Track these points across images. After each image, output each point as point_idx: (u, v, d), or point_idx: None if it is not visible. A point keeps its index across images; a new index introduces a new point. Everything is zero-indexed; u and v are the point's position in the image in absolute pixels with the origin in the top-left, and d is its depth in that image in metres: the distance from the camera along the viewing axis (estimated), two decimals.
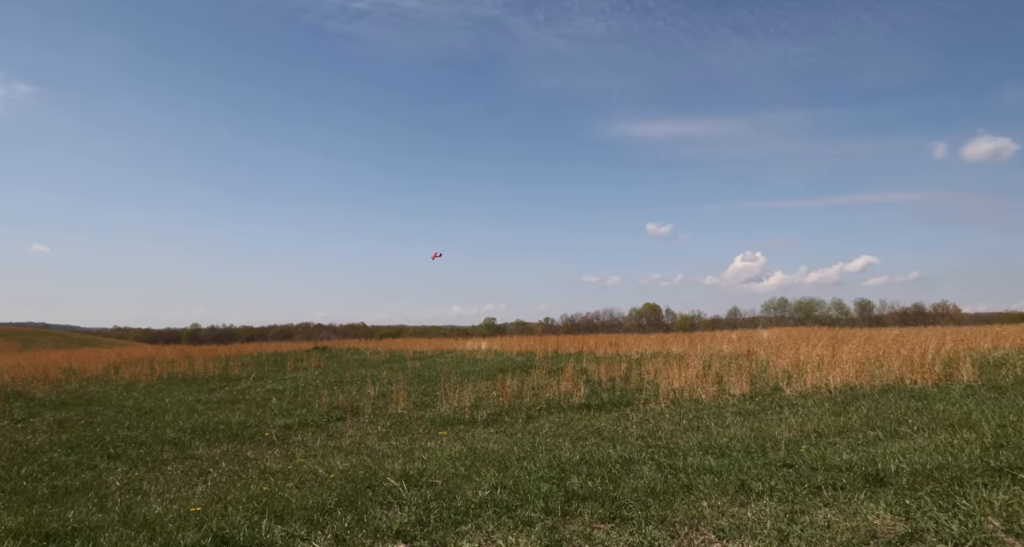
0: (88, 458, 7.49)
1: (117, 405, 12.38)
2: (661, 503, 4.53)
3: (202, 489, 5.88)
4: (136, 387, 15.86)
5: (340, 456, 7.12)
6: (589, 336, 32.69)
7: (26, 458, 7.58)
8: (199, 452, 7.80)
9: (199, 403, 12.45)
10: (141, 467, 7.04)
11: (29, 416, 11.15)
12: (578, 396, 11.14)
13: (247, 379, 17.36)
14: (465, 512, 4.51)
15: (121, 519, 4.71)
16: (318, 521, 4.47)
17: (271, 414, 10.60)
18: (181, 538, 4.07)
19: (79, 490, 6.05)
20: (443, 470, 5.87)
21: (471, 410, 10.19)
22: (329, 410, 10.76)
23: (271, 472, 6.46)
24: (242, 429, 9.20)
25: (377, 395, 12.32)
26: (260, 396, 13.32)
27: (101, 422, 10.25)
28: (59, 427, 9.88)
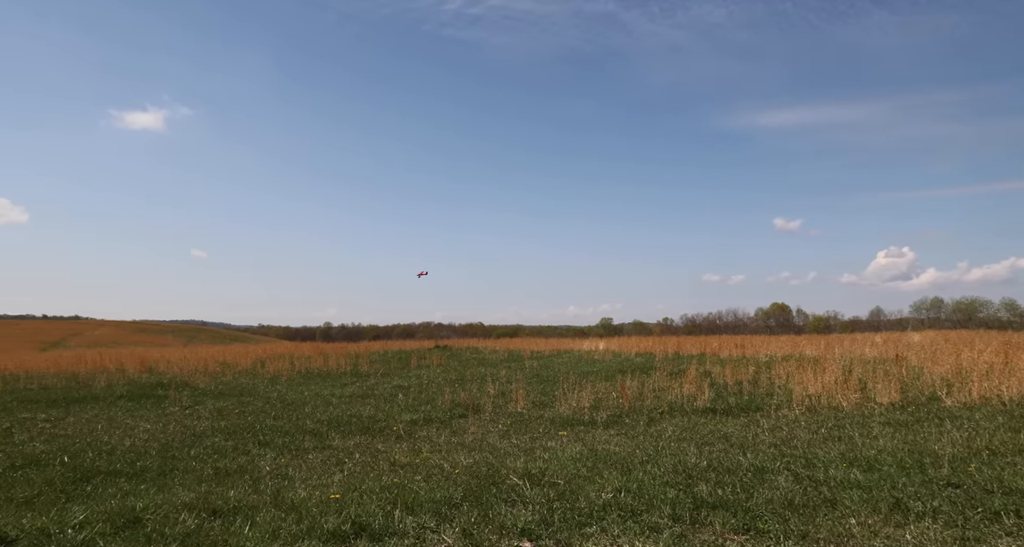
0: (242, 444, 8.24)
1: (264, 397, 13.53)
2: (801, 517, 4.21)
3: (339, 478, 6.26)
4: (279, 381, 17.26)
5: (463, 452, 7.31)
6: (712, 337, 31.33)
7: (193, 441, 8.47)
8: (335, 443, 8.32)
9: (333, 397, 13.31)
10: (286, 454, 7.63)
11: (194, 403, 12.48)
12: (702, 399, 10.68)
13: (375, 375, 18.35)
14: (589, 514, 4.45)
15: (272, 501, 5.12)
16: (446, 514, 4.59)
17: (398, 409, 11.10)
18: (324, 522, 4.34)
19: (236, 472, 6.66)
20: (565, 470, 5.84)
21: (590, 411, 10.09)
22: (451, 407, 11.09)
23: (400, 465, 6.75)
24: (372, 423, 9.71)
25: (497, 393, 12.54)
26: (387, 392, 14.01)
27: (252, 412, 11.24)
28: (218, 415, 10.96)
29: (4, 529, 4.45)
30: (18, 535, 4.38)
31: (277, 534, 4.19)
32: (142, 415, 11.09)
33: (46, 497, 5.86)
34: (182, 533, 4.29)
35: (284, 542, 4.03)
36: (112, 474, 6.73)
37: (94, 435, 9.11)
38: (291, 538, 4.11)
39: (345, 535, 4.16)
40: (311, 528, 4.28)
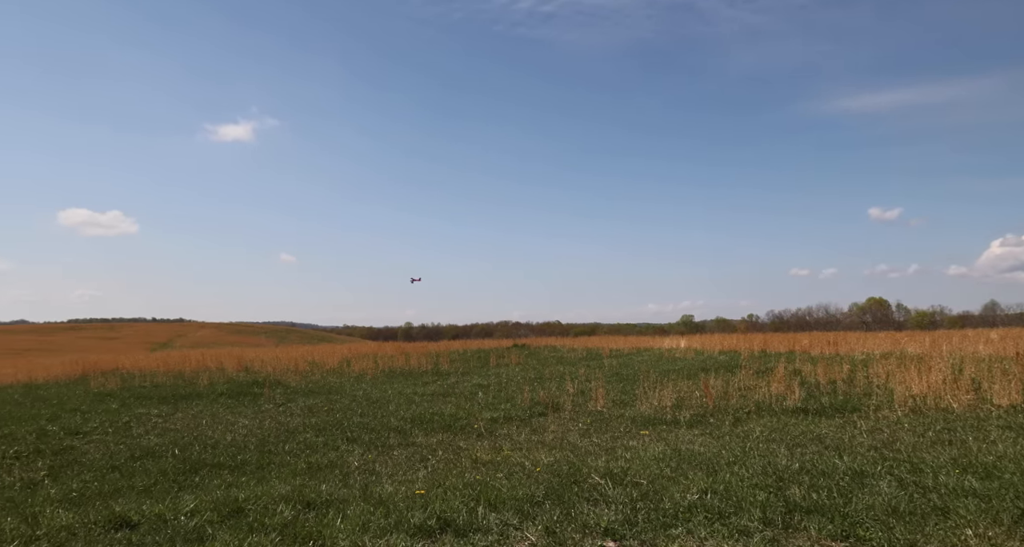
0: (332, 440, 8.61)
1: (350, 395, 14.07)
2: (908, 525, 3.94)
3: (423, 474, 6.42)
4: (364, 379, 17.91)
5: (544, 450, 7.32)
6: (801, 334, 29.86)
7: (287, 437, 8.93)
8: (418, 440, 8.54)
9: (416, 395, 13.66)
10: (373, 450, 7.90)
11: (286, 401, 13.16)
12: (792, 399, 10.20)
13: (455, 374, 18.69)
14: (674, 515, 4.35)
15: (361, 495, 5.32)
16: (528, 512, 4.61)
17: (478, 407, 11.26)
18: (410, 517, 4.47)
19: (327, 467, 6.96)
20: (647, 470, 5.74)
21: (672, 410, 9.86)
22: (531, 405, 11.13)
23: (482, 462, 6.84)
24: (454, 421, 9.89)
25: (576, 392, 12.48)
26: (468, 390, 14.23)
27: (339, 409, 11.72)
28: (309, 412, 11.50)
29: (127, 514, 4.86)
30: (139, 520, 4.77)
31: (367, 527, 4.34)
32: (240, 411, 11.79)
33: (161, 486, 6.34)
34: (280, 523, 4.53)
35: (374, 535, 4.18)
36: (216, 466, 7.19)
37: (199, 430, 9.77)
38: (380, 531, 4.25)
39: (431, 530, 4.26)
40: (399, 522, 4.41)
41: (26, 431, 9.80)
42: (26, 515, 5.17)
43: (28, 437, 9.31)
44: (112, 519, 4.80)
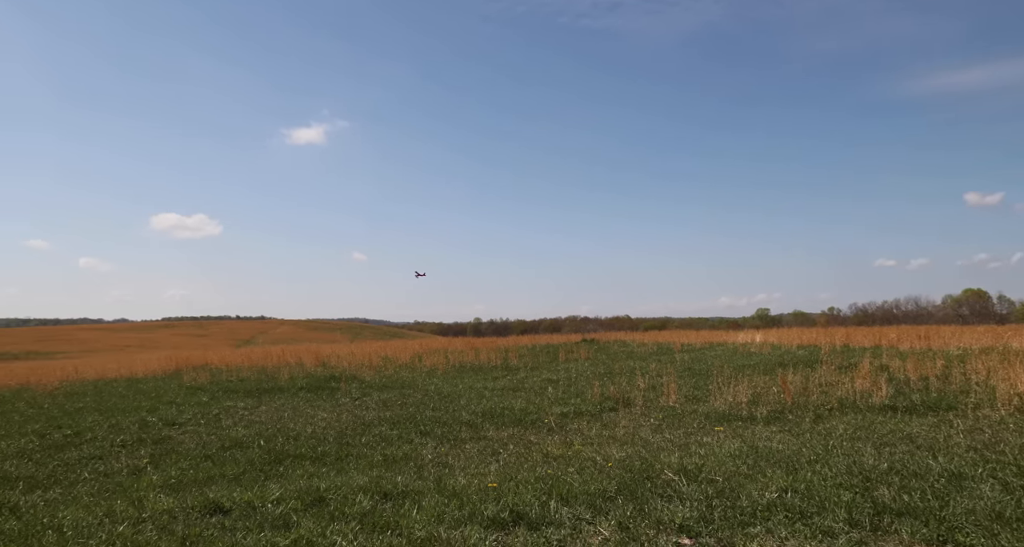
0: (406, 433, 8.84)
1: (423, 389, 14.40)
2: (1015, 533, 3.67)
3: (495, 467, 6.49)
4: (435, 374, 18.27)
5: (615, 446, 7.25)
6: (888, 328, 28.20)
7: (363, 430, 9.24)
8: (489, 434, 8.64)
9: (486, 390, 13.82)
10: (446, 444, 8.06)
11: (362, 395, 13.60)
12: (879, 396, 9.67)
13: (524, 369, 18.78)
14: (752, 513, 4.22)
15: (435, 487, 5.44)
16: (600, 507, 4.59)
17: (548, 402, 11.28)
18: (484, 509, 4.54)
19: (402, 459, 7.16)
20: (723, 467, 5.59)
21: (748, 406, 9.54)
22: (601, 400, 11.05)
23: (553, 457, 6.85)
24: (524, 415, 9.95)
25: (647, 387, 12.29)
26: (537, 385, 14.28)
27: (412, 403, 12.01)
28: (383, 406, 11.85)
29: (220, 501, 5.17)
30: (231, 506, 5.06)
31: (442, 518, 4.44)
32: (319, 405, 12.29)
33: (249, 475, 6.70)
34: (359, 513, 4.70)
35: (449, 526, 4.27)
36: (298, 457, 7.53)
37: (282, 422, 10.25)
38: (455, 523, 4.34)
39: (504, 522, 4.31)
40: (472, 514, 4.49)
41: (130, 421, 10.58)
42: (133, 499, 5.59)
43: (132, 427, 10.04)
44: (207, 505, 5.11)
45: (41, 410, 12.61)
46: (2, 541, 4.50)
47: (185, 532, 4.42)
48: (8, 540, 4.50)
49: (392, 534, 4.18)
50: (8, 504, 5.77)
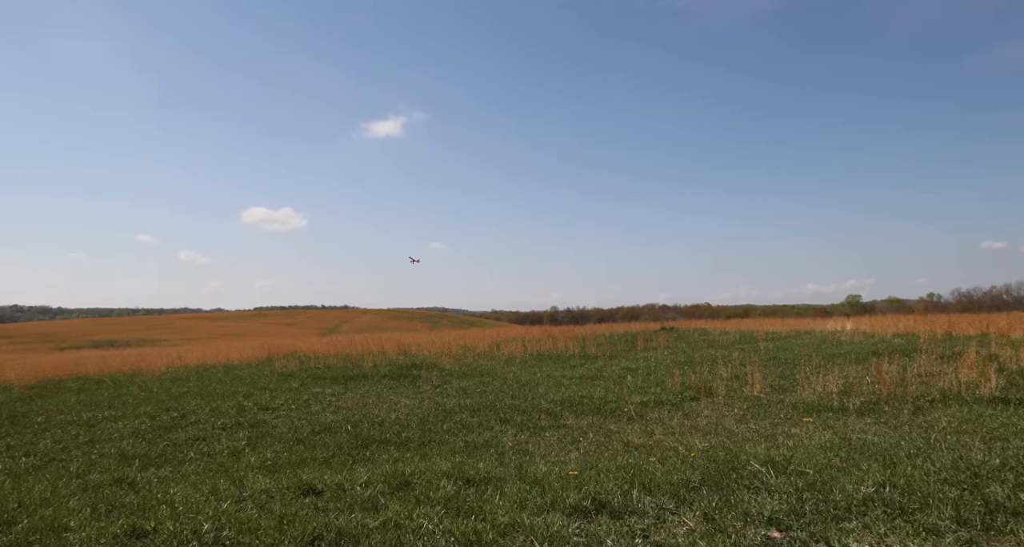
0: (486, 420, 8.98)
1: (501, 377, 14.57)
2: None
3: (575, 455, 6.50)
4: (513, 362, 18.44)
5: (698, 436, 7.09)
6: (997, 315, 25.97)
7: (444, 417, 9.47)
8: (569, 422, 8.64)
9: (564, 378, 13.83)
10: (525, 431, 8.13)
11: (442, 383, 13.92)
12: (987, 387, 8.96)
13: (603, 357, 18.65)
14: (846, 508, 4.02)
15: (517, 474, 5.51)
16: (684, 497, 4.50)
17: (627, 391, 11.15)
18: (565, 496, 4.55)
19: (483, 446, 7.28)
20: (813, 459, 5.35)
21: (839, 396, 9.08)
22: (682, 390, 10.82)
23: (633, 446, 6.78)
24: (603, 404, 9.89)
25: (730, 376, 11.93)
26: (616, 374, 14.14)
27: (491, 391, 12.18)
28: (463, 393, 12.09)
29: (312, 482, 5.43)
30: (323, 488, 5.32)
31: (524, 505, 4.49)
32: (402, 392, 12.68)
33: (338, 458, 7.01)
34: (444, 497, 4.82)
35: (531, 513, 4.31)
36: (383, 442, 7.81)
37: (367, 408, 10.66)
38: (537, 509, 4.38)
39: (586, 510, 4.30)
40: (554, 501, 4.51)
41: (228, 406, 11.30)
42: (234, 478, 5.98)
43: (230, 411, 10.72)
44: (300, 486, 5.39)
45: (151, 394, 13.67)
46: (124, 513, 4.92)
47: (282, 511, 4.68)
48: (129, 512, 4.92)
49: (476, 519, 4.26)
50: (127, 479, 6.31)
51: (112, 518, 4.80)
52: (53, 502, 5.43)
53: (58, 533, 4.47)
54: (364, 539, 3.97)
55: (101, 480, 6.35)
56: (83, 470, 7.02)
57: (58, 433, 9.68)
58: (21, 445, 8.98)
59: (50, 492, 5.85)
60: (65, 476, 6.72)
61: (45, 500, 5.53)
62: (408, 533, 4.05)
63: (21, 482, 6.52)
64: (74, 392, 14.74)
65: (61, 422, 10.63)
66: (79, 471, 6.97)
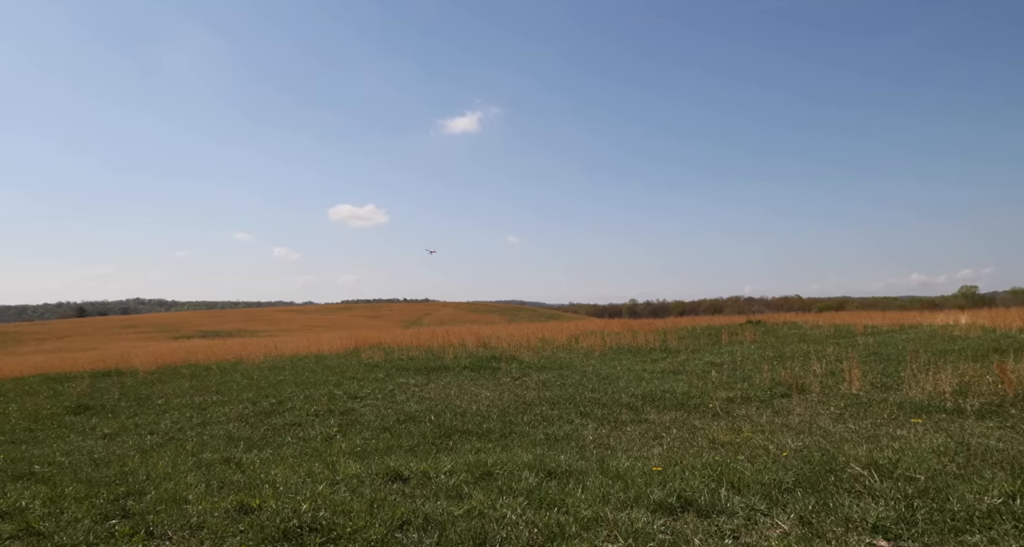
0: (566, 413, 8.94)
1: (580, 371, 14.46)
2: None
3: (658, 451, 6.34)
4: (592, 356, 18.27)
5: (790, 434, 6.75)
6: None
7: (524, 409, 9.50)
8: (651, 417, 8.46)
9: (645, 372, 13.55)
10: (606, 425, 8.03)
11: (521, 375, 13.99)
12: None
13: (685, 351, 18.14)
14: (967, 519, 3.69)
15: (598, 467, 5.44)
16: (776, 498, 4.29)
17: (712, 386, 10.79)
18: (649, 492, 4.45)
19: (563, 439, 7.25)
20: (923, 464, 4.95)
21: (954, 397, 8.38)
22: (771, 386, 10.34)
23: (719, 443, 6.54)
24: (686, 399, 9.61)
25: (825, 373, 11.28)
26: (699, 368, 13.72)
27: (571, 384, 12.12)
28: (542, 386, 12.10)
29: (399, 469, 5.60)
30: (409, 475, 5.46)
31: (607, 499, 4.42)
32: (482, 384, 12.84)
33: (423, 447, 7.19)
34: (526, 489, 4.83)
35: (614, 507, 4.24)
36: (465, 433, 7.93)
37: (449, 399, 10.87)
38: (620, 504, 4.30)
39: (672, 508, 4.19)
40: (638, 497, 4.42)
41: (320, 394, 11.84)
42: (327, 462, 6.25)
43: (322, 399, 11.24)
44: (388, 472, 5.56)
45: (252, 381, 14.55)
46: (232, 490, 5.26)
47: (372, 495, 4.84)
48: (236, 489, 5.25)
49: (558, 511, 4.24)
50: (234, 459, 6.74)
51: (223, 494, 5.14)
52: (174, 476, 5.89)
53: (179, 505, 4.85)
54: (450, 526, 4.04)
55: (212, 459, 6.82)
56: (197, 449, 7.56)
57: (175, 415, 10.50)
58: (146, 424, 9.80)
59: (171, 467, 6.35)
60: (182, 454, 7.26)
61: (167, 474, 6.00)
62: (492, 522, 4.08)
63: (147, 457, 7.12)
64: (187, 378, 15.93)
65: (177, 405, 11.52)
66: (193, 450, 7.51)
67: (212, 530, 4.27)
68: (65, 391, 14.52)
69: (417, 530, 4.06)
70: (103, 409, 11.73)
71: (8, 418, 11.28)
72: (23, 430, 10.06)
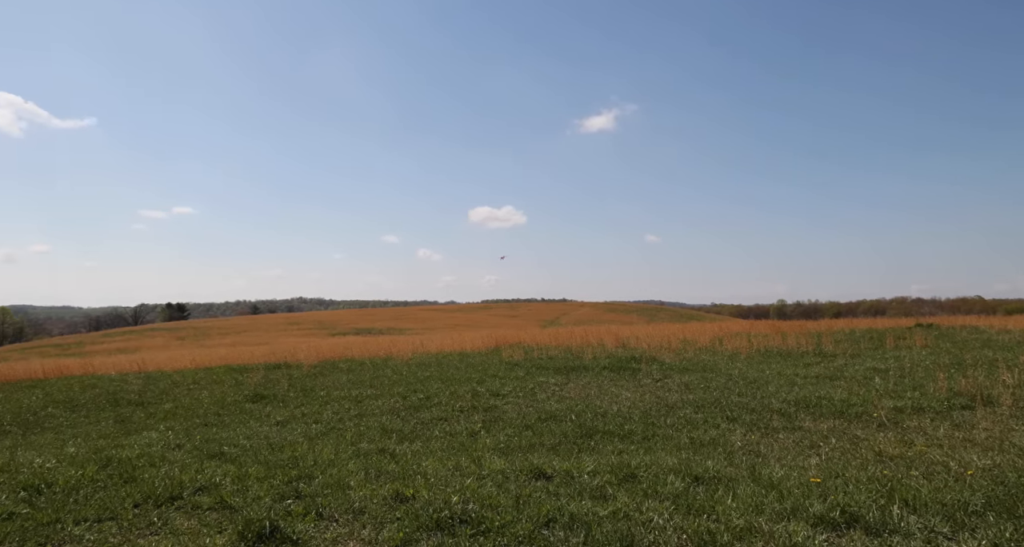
0: (711, 417, 8.62)
1: (725, 373, 13.83)
2: None
3: (816, 461, 5.93)
4: (738, 358, 17.38)
5: (975, 451, 6.01)
6: None
7: (667, 411, 9.29)
8: (805, 425, 7.92)
9: (797, 377, 12.67)
10: (755, 432, 7.63)
11: (663, 377, 13.67)
12: None
13: (842, 356, 16.70)
14: None
15: (749, 475, 5.21)
16: (962, 521, 3.86)
17: (876, 394, 9.86)
18: (808, 505, 4.19)
19: (709, 444, 7.00)
20: None
21: None
22: (949, 396, 9.24)
23: (887, 456, 5.98)
24: (846, 407, 8.87)
25: (1017, 383, 9.88)
26: (860, 374, 12.58)
27: (715, 387, 11.64)
28: (685, 388, 11.74)
29: (542, 467, 5.73)
30: (552, 473, 5.58)
31: (761, 509, 4.23)
32: (622, 384, 12.72)
33: (564, 446, 7.29)
34: (672, 493, 4.74)
35: (769, 519, 4.04)
36: (607, 434, 7.91)
37: (589, 399, 10.89)
38: (775, 516, 4.09)
39: (835, 523, 3.92)
40: (795, 509, 4.18)
41: (464, 390, 12.38)
42: (473, 457, 6.55)
43: (466, 396, 11.75)
44: (532, 469, 5.71)
45: (401, 376, 15.54)
46: (388, 479, 5.69)
47: (518, 491, 5.01)
48: (392, 479, 5.68)
49: (708, 518, 4.13)
50: (388, 450, 7.27)
51: (380, 482, 5.58)
52: (336, 463, 6.48)
53: (343, 490, 5.34)
54: (596, 526, 4.08)
55: (369, 449, 7.41)
56: (355, 439, 8.25)
57: (335, 406, 11.51)
58: (311, 414, 10.85)
59: (334, 455, 6.99)
60: (342, 443, 7.95)
61: (331, 461, 6.62)
62: (638, 525, 4.06)
63: (313, 444, 7.89)
64: (344, 372, 17.37)
65: (337, 397, 12.62)
66: (352, 440, 8.20)
67: (372, 515, 4.65)
68: (244, 381, 16.42)
69: (563, 528, 4.14)
70: (275, 398, 13.13)
71: (201, 403, 12.99)
72: (213, 414, 11.54)
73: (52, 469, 6.59)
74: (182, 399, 13.70)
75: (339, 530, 4.44)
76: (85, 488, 5.80)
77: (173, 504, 5.24)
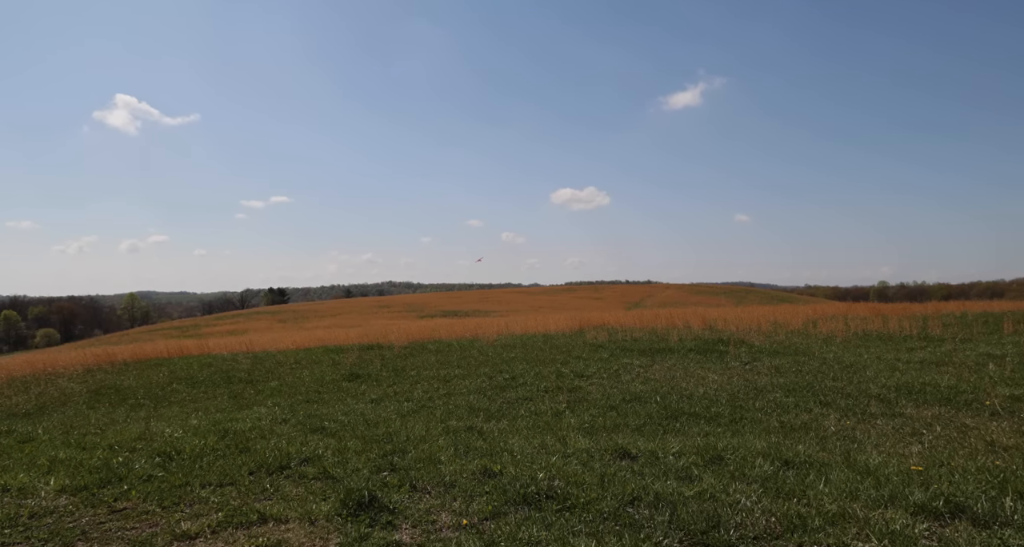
0: (803, 402, 8.34)
1: (819, 357, 13.25)
2: None
3: (918, 449, 5.66)
4: (833, 342, 16.57)
5: None
6: None
7: (755, 395, 9.07)
8: (907, 411, 7.52)
9: (899, 361, 11.97)
10: (850, 417, 7.34)
11: (751, 360, 13.28)
12: None
13: (950, 340, 15.56)
14: None
15: (843, 461, 5.05)
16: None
17: (989, 381, 9.18)
18: (908, 493, 4.04)
19: (800, 428, 6.81)
20: None
21: None
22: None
23: (1001, 446, 5.62)
24: (954, 394, 8.34)
25: None
26: (971, 360, 11.71)
27: (808, 371, 11.20)
28: (775, 372, 11.37)
29: (627, 447, 5.80)
30: (637, 453, 5.64)
31: (855, 496, 4.12)
32: (708, 367, 12.47)
33: (649, 427, 7.30)
34: (760, 476, 4.69)
35: (865, 505, 3.93)
36: (692, 416, 7.84)
37: (674, 381, 10.78)
38: (871, 502, 3.98)
39: (938, 512, 3.76)
40: (893, 496, 4.04)
41: (548, 371, 12.56)
42: (558, 436, 6.70)
43: (550, 376, 11.92)
44: (616, 449, 5.79)
45: (487, 357, 15.94)
46: (476, 455, 5.94)
47: (602, 470, 5.11)
48: (480, 455, 5.93)
49: (798, 502, 4.07)
50: (476, 428, 7.55)
51: (469, 458, 5.83)
52: (427, 439, 6.82)
53: (434, 464, 5.64)
54: (681, 506, 4.12)
55: (457, 426, 7.72)
56: (444, 416, 8.61)
57: (425, 385, 12.01)
58: (403, 392, 11.40)
59: (425, 431, 7.35)
60: (433, 420, 8.33)
61: (422, 437, 6.97)
62: (725, 506, 4.06)
63: (406, 421, 8.31)
64: (433, 353, 18.01)
65: (426, 377, 13.15)
66: (441, 417, 8.57)
67: (462, 489, 4.89)
68: (340, 361, 17.36)
69: (648, 507, 4.21)
70: (369, 377, 13.83)
71: (303, 382, 13.90)
72: (313, 392, 12.33)
73: (180, 438, 7.33)
74: (286, 377, 14.71)
75: (432, 501, 4.70)
76: (207, 456, 6.42)
77: (282, 473, 5.72)
